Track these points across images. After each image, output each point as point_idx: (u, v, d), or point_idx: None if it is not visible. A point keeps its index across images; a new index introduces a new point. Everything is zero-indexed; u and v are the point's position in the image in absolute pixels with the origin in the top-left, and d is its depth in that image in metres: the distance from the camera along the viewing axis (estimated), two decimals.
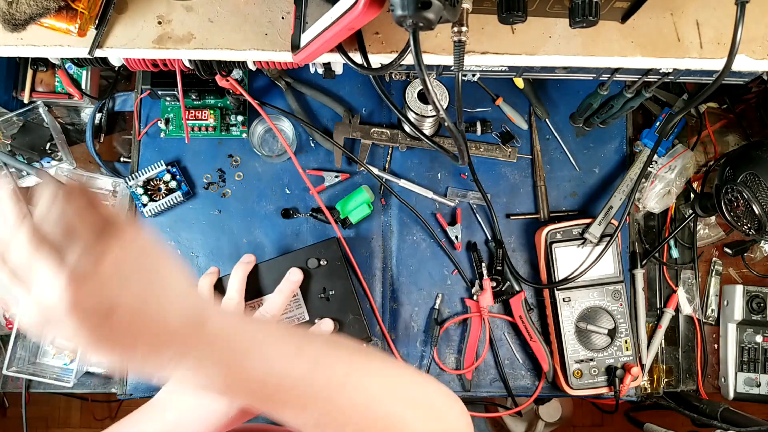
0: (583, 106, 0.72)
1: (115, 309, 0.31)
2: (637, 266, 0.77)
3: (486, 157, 0.77)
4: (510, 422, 1.43)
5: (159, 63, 0.57)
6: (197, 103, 0.77)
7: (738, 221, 0.68)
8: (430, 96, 0.40)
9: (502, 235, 0.75)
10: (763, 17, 0.50)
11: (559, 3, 0.46)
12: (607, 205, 0.72)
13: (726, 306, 0.79)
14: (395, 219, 0.76)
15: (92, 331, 0.31)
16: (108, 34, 0.49)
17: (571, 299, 0.72)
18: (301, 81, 0.77)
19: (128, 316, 0.31)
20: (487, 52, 0.50)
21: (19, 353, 0.71)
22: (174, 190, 0.74)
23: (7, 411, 1.60)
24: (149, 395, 0.72)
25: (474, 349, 0.74)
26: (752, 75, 0.59)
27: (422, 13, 0.34)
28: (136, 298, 0.32)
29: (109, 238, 0.31)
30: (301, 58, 0.47)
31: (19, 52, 0.50)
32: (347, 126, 0.76)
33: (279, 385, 0.37)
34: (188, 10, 0.50)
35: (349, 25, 0.40)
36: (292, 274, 0.66)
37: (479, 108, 0.78)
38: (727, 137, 0.83)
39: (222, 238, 0.75)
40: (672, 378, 0.78)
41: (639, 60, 0.50)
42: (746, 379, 0.76)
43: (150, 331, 0.32)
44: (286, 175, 0.76)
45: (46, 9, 0.43)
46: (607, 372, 0.71)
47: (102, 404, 1.66)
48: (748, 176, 0.64)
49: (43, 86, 0.77)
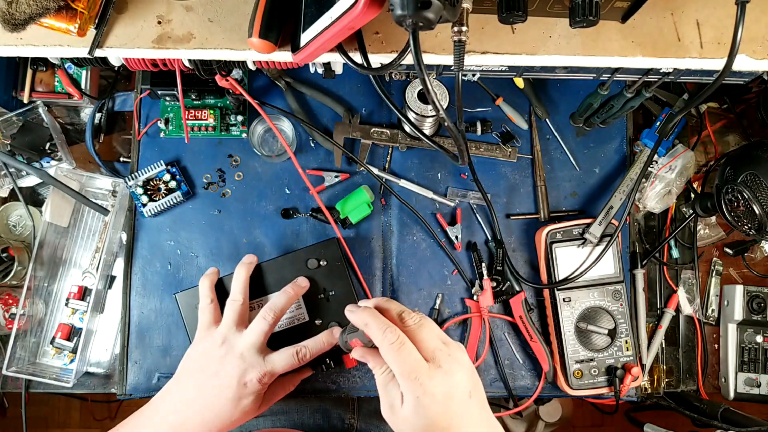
0: (584, 106, 0.72)
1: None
2: (638, 266, 0.77)
3: (486, 157, 0.77)
4: (510, 422, 1.43)
5: (159, 63, 0.57)
6: (197, 103, 0.77)
7: (738, 221, 0.68)
8: (430, 96, 0.40)
9: (502, 235, 0.75)
10: (763, 17, 0.50)
11: (560, 3, 0.46)
12: (608, 205, 0.72)
13: (726, 306, 0.79)
14: (395, 219, 0.76)
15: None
16: (108, 34, 0.49)
17: (571, 299, 0.72)
18: (301, 81, 0.77)
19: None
20: (487, 51, 0.50)
21: (19, 353, 0.71)
22: (174, 190, 0.74)
23: (7, 411, 1.60)
24: (149, 395, 0.72)
25: (474, 350, 0.74)
26: (752, 75, 0.59)
27: (422, 13, 0.34)
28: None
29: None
30: (301, 58, 0.47)
31: (19, 52, 0.50)
32: (347, 126, 0.76)
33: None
34: (188, 10, 0.50)
35: (349, 24, 0.40)
36: (299, 280, 0.67)
37: (479, 108, 0.78)
38: (727, 137, 0.83)
39: (222, 238, 0.75)
40: (672, 378, 0.78)
41: (639, 60, 0.50)
42: (746, 380, 0.76)
43: None
44: (286, 175, 0.76)
45: (46, 9, 0.43)
46: (607, 372, 0.71)
47: (102, 404, 1.66)
48: (749, 176, 0.64)
49: (43, 86, 0.76)
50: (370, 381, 0.73)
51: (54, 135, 0.76)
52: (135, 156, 0.76)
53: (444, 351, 0.49)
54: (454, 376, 0.47)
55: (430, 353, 0.48)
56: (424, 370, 0.47)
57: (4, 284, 0.75)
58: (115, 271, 0.76)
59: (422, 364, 0.47)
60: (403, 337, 0.48)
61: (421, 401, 0.46)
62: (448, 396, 0.47)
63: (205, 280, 0.65)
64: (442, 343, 0.50)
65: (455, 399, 0.47)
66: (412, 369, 0.46)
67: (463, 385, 0.48)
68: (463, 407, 0.47)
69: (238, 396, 0.57)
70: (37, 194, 0.78)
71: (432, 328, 0.50)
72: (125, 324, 0.74)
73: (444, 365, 0.47)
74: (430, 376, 0.46)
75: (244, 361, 0.58)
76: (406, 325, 0.50)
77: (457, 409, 0.47)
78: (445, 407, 0.46)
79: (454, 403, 0.47)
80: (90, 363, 0.75)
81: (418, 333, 0.49)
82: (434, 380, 0.46)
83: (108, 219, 0.74)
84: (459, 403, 0.47)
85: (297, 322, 0.68)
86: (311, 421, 0.79)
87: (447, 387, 0.47)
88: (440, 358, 0.48)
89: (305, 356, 0.61)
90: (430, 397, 0.46)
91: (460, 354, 0.50)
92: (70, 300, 0.73)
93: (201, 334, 0.61)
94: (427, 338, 0.49)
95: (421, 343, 0.49)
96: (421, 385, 0.46)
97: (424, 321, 0.51)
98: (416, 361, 0.47)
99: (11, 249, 0.74)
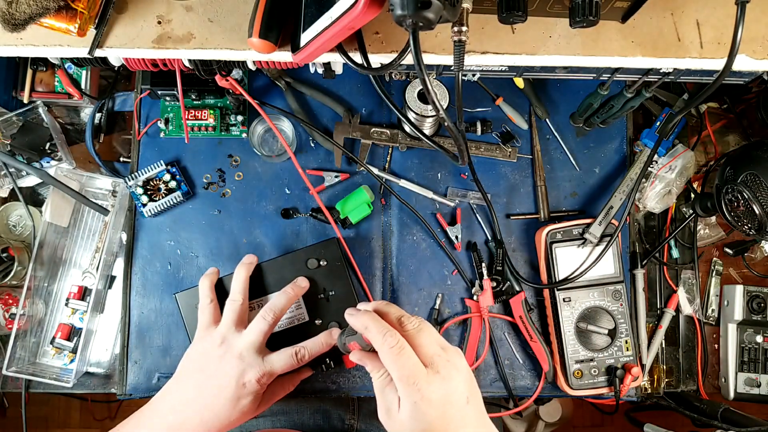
0: (584, 106, 0.72)
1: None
2: (638, 266, 0.77)
3: (486, 157, 0.77)
4: (510, 422, 1.43)
5: (159, 63, 0.57)
6: (197, 102, 0.77)
7: (738, 221, 0.68)
8: (430, 96, 0.40)
9: (502, 235, 0.75)
10: (763, 17, 0.50)
11: (560, 3, 0.46)
12: (608, 205, 0.72)
13: (726, 306, 0.79)
14: (395, 219, 0.76)
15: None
16: (108, 34, 0.49)
17: (571, 299, 0.72)
18: (301, 81, 0.77)
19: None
20: (487, 51, 0.50)
21: (19, 353, 0.71)
22: (174, 190, 0.74)
23: (7, 411, 1.60)
24: (149, 395, 0.72)
25: (474, 350, 0.74)
26: (752, 75, 0.59)
27: (422, 13, 0.34)
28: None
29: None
30: (301, 58, 0.47)
31: (19, 52, 0.50)
32: (347, 126, 0.76)
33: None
34: (188, 10, 0.50)
35: (349, 24, 0.40)
36: (299, 280, 0.67)
37: (479, 108, 0.78)
38: (727, 137, 0.83)
39: (222, 238, 0.75)
40: (672, 378, 0.78)
41: (639, 60, 0.50)
42: (746, 380, 0.76)
43: None
44: (286, 175, 0.76)
45: (46, 9, 0.43)
46: (607, 372, 0.71)
47: (102, 404, 1.67)
48: (749, 176, 0.64)
49: (43, 86, 0.76)
50: (370, 381, 0.73)
51: (54, 135, 0.76)
52: (135, 156, 0.76)
53: (442, 356, 0.49)
54: (452, 382, 0.48)
55: (429, 358, 0.48)
56: (423, 375, 0.47)
57: (4, 284, 0.75)
58: (115, 271, 0.76)
59: (421, 369, 0.47)
60: (402, 342, 0.48)
61: (419, 406, 0.46)
62: (445, 401, 0.47)
63: (205, 280, 0.65)
64: (440, 348, 0.50)
65: (452, 405, 0.47)
66: (410, 374, 0.46)
67: (461, 391, 0.48)
68: (460, 413, 0.47)
69: (237, 396, 0.57)
70: (37, 194, 0.78)
71: (431, 333, 0.51)
72: (125, 324, 0.74)
73: (442, 371, 0.48)
74: (428, 382, 0.46)
75: (243, 361, 0.58)
76: (406, 330, 0.50)
77: (454, 415, 0.47)
78: (442, 413, 0.46)
79: (452, 408, 0.47)
80: (90, 363, 0.75)
81: (417, 338, 0.49)
82: (432, 386, 0.46)
83: (108, 219, 0.74)
84: (456, 409, 0.47)
85: (297, 322, 0.68)
86: (311, 422, 0.79)
87: (444, 392, 0.47)
88: (438, 363, 0.48)
89: (304, 357, 0.61)
90: (428, 403, 0.46)
91: (458, 359, 0.50)
92: (70, 300, 0.74)
93: (200, 334, 0.61)
94: (425, 343, 0.49)
95: (420, 348, 0.49)
96: (419, 390, 0.46)
97: (423, 326, 0.51)
98: (415, 366, 0.47)
99: (11, 249, 0.74)
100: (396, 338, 0.48)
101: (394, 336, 0.48)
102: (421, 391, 0.46)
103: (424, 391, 0.46)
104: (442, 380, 0.47)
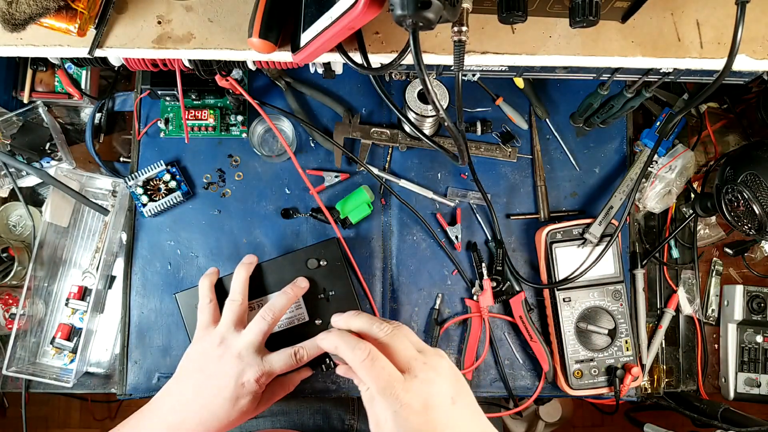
0: (584, 106, 0.72)
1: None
2: (638, 266, 0.77)
3: (486, 157, 0.77)
4: (510, 422, 1.43)
5: (159, 63, 0.57)
6: (197, 103, 0.77)
7: (738, 221, 0.68)
8: (430, 96, 0.40)
9: (502, 235, 0.75)
10: (763, 17, 0.50)
11: (560, 3, 0.46)
12: (608, 205, 0.72)
13: (726, 306, 0.79)
14: (395, 219, 0.76)
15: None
16: (108, 34, 0.49)
17: (571, 299, 0.72)
18: (301, 81, 0.77)
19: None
20: (487, 51, 0.50)
21: (19, 353, 0.71)
22: (174, 190, 0.74)
23: (7, 411, 1.60)
24: (149, 395, 0.72)
25: (474, 350, 0.74)
26: (752, 75, 0.59)
27: (422, 13, 0.34)
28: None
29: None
30: (301, 58, 0.47)
31: (19, 52, 0.50)
32: (347, 126, 0.76)
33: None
34: (188, 10, 0.50)
35: (349, 24, 0.40)
36: (299, 280, 0.67)
37: (479, 108, 0.78)
38: (727, 137, 0.83)
39: (222, 238, 0.75)
40: (672, 378, 0.78)
41: (639, 60, 0.50)
42: (746, 380, 0.76)
43: None
44: (286, 175, 0.76)
45: (46, 9, 0.43)
46: (607, 372, 0.71)
47: (102, 404, 1.67)
48: (749, 176, 0.64)
49: (43, 86, 0.76)
50: None
51: (54, 135, 0.76)
52: (135, 156, 0.76)
53: (419, 359, 0.48)
54: (433, 385, 0.46)
55: (405, 364, 0.47)
56: (399, 382, 0.45)
57: (4, 284, 0.75)
58: (115, 271, 0.76)
59: (396, 376, 0.46)
60: (374, 352, 0.46)
61: (399, 414, 0.44)
62: (426, 406, 0.45)
63: (205, 280, 0.65)
64: (417, 351, 0.49)
65: (436, 408, 0.45)
66: (386, 383, 0.45)
67: (444, 393, 0.47)
68: (446, 415, 0.46)
69: (236, 396, 0.57)
70: (37, 194, 0.78)
71: (406, 336, 0.49)
72: (125, 324, 0.74)
73: (420, 374, 0.46)
74: (406, 389, 0.45)
75: (242, 361, 0.58)
76: (377, 337, 0.49)
77: (439, 418, 0.45)
78: (426, 417, 0.45)
79: (435, 412, 0.45)
80: (90, 363, 0.75)
81: (391, 344, 0.48)
82: (410, 392, 0.45)
83: (108, 219, 0.74)
84: (441, 412, 0.46)
85: (297, 322, 0.68)
86: (311, 422, 0.79)
87: (425, 397, 0.45)
88: (415, 367, 0.47)
89: (303, 357, 0.61)
90: (408, 409, 0.44)
91: (437, 361, 0.48)
92: (70, 300, 0.74)
93: (200, 334, 0.61)
94: (400, 348, 0.48)
95: (395, 354, 0.47)
96: (397, 398, 0.45)
97: (397, 330, 0.49)
98: (390, 375, 0.46)
99: (11, 249, 0.74)
100: (365, 350, 0.46)
101: (363, 348, 0.47)
102: (399, 399, 0.44)
103: (402, 398, 0.45)
104: (421, 384, 0.46)
